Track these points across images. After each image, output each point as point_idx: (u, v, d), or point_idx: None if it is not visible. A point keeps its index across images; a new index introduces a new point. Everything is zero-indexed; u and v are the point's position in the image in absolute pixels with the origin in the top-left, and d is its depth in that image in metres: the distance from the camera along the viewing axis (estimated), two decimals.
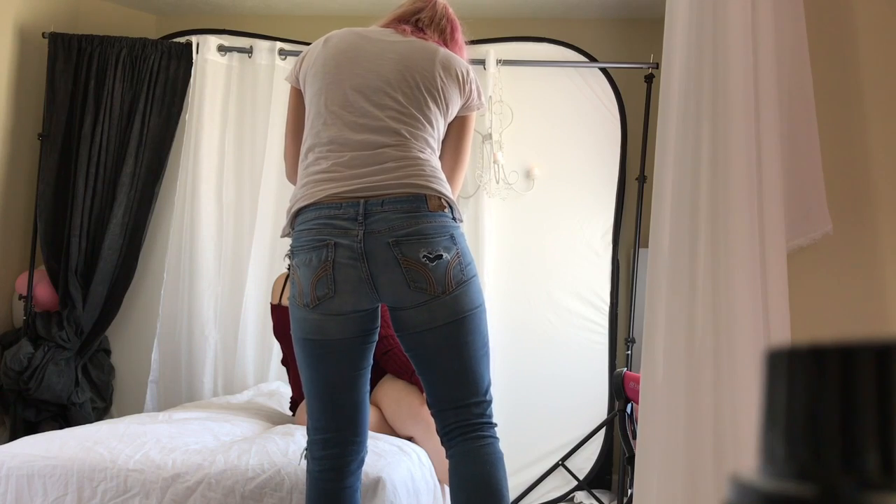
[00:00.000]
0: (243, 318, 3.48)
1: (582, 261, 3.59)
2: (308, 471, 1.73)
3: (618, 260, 3.64)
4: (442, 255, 1.62)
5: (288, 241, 2.78)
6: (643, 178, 3.55)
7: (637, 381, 2.39)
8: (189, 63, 3.55)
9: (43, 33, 3.51)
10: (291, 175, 1.87)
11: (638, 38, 3.77)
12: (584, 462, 3.47)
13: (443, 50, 1.79)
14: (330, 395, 1.70)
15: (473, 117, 1.86)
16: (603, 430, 3.46)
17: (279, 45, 3.62)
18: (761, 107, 1.36)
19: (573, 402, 3.53)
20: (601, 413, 3.49)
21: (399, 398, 2.49)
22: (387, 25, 1.84)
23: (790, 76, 1.46)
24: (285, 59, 3.62)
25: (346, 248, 1.60)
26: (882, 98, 1.57)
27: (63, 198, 3.46)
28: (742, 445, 1.25)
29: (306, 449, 1.75)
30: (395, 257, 1.60)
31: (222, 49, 3.61)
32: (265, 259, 3.53)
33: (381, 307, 1.76)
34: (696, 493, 1.31)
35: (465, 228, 1.76)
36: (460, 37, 1.89)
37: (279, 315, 2.72)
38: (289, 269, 2.73)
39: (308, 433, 1.74)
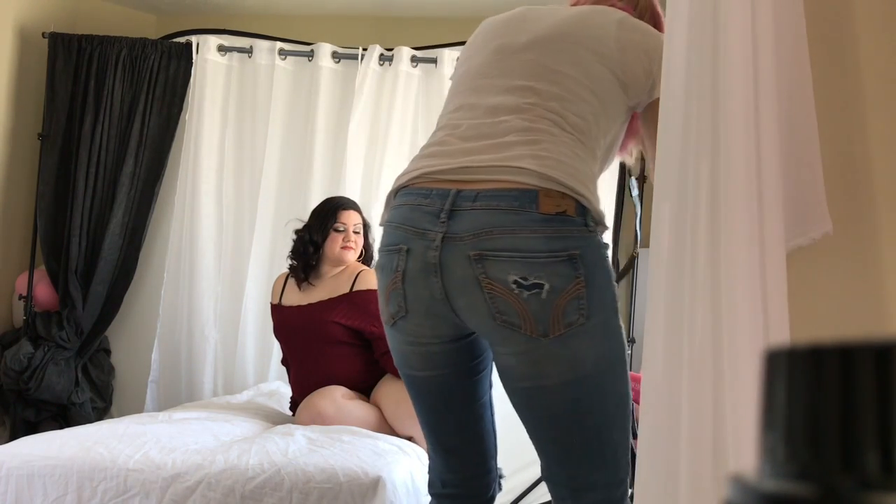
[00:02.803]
0: (243, 318, 3.48)
1: None
2: None
3: (618, 260, 3.64)
4: (542, 285, 1.16)
5: (288, 242, 2.80)
6: (643, 178, 3.55)
7: (637, 381, 2.39)
8: (189, 63, 3.55)
9: (43, 33, 3.51)
10: None
11: None
12: None
13: (627, 15, 1.38)
14: (435, 436, 1.40)
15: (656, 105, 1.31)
16: None
17: (279, 45, 3.62)
18: (761, 107, 1.36)
19: None
20: None
21: (399, 398, 2.49)
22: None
23: (790, 76, 1.46)
24: (285, 58, 3.62)
25: (418, 255, 1.22)
26: (882, 98, 1.57)
27: (63, 198, 3.46)
28: (742, 445, 1.25)
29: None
30: (475, 277, 1.18)
31: (222, 49, 3.62)
32: (265, 259, 3.53)
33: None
34: (696, 493, 1.31)
35: None
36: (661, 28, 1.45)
37: (279, 315, 2.72)
38: (290, 268, 2.73)
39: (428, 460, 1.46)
